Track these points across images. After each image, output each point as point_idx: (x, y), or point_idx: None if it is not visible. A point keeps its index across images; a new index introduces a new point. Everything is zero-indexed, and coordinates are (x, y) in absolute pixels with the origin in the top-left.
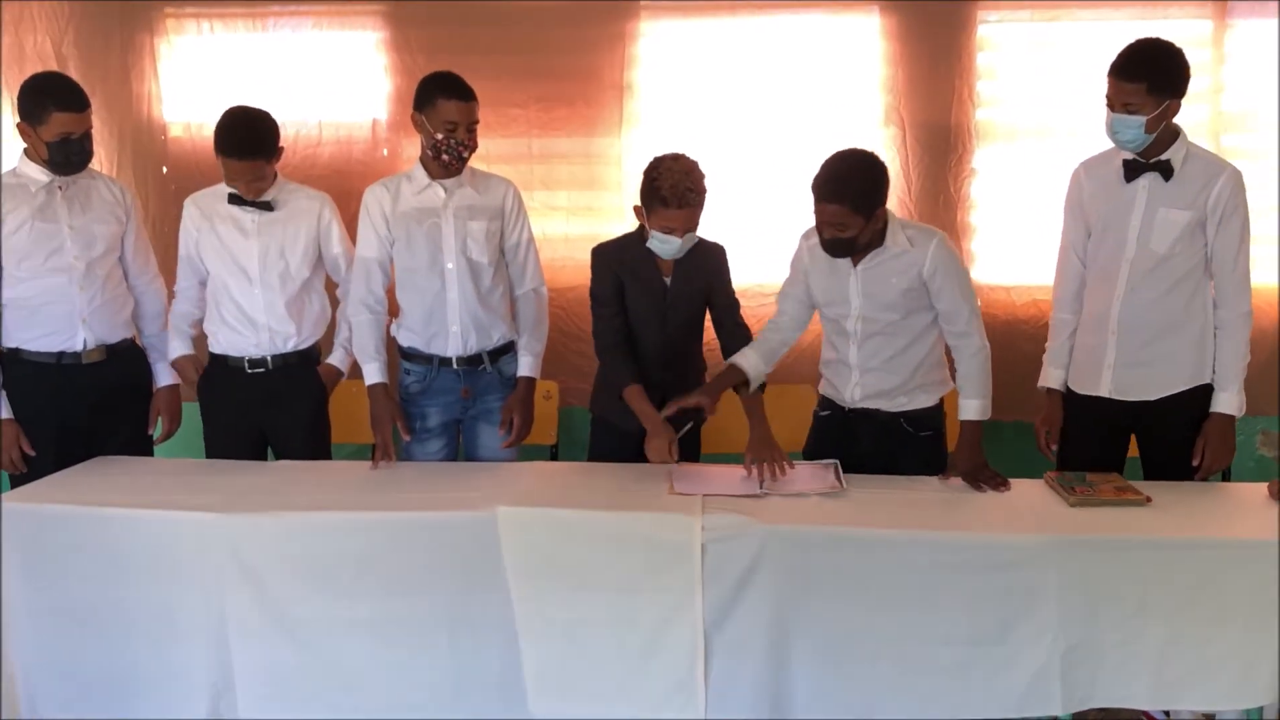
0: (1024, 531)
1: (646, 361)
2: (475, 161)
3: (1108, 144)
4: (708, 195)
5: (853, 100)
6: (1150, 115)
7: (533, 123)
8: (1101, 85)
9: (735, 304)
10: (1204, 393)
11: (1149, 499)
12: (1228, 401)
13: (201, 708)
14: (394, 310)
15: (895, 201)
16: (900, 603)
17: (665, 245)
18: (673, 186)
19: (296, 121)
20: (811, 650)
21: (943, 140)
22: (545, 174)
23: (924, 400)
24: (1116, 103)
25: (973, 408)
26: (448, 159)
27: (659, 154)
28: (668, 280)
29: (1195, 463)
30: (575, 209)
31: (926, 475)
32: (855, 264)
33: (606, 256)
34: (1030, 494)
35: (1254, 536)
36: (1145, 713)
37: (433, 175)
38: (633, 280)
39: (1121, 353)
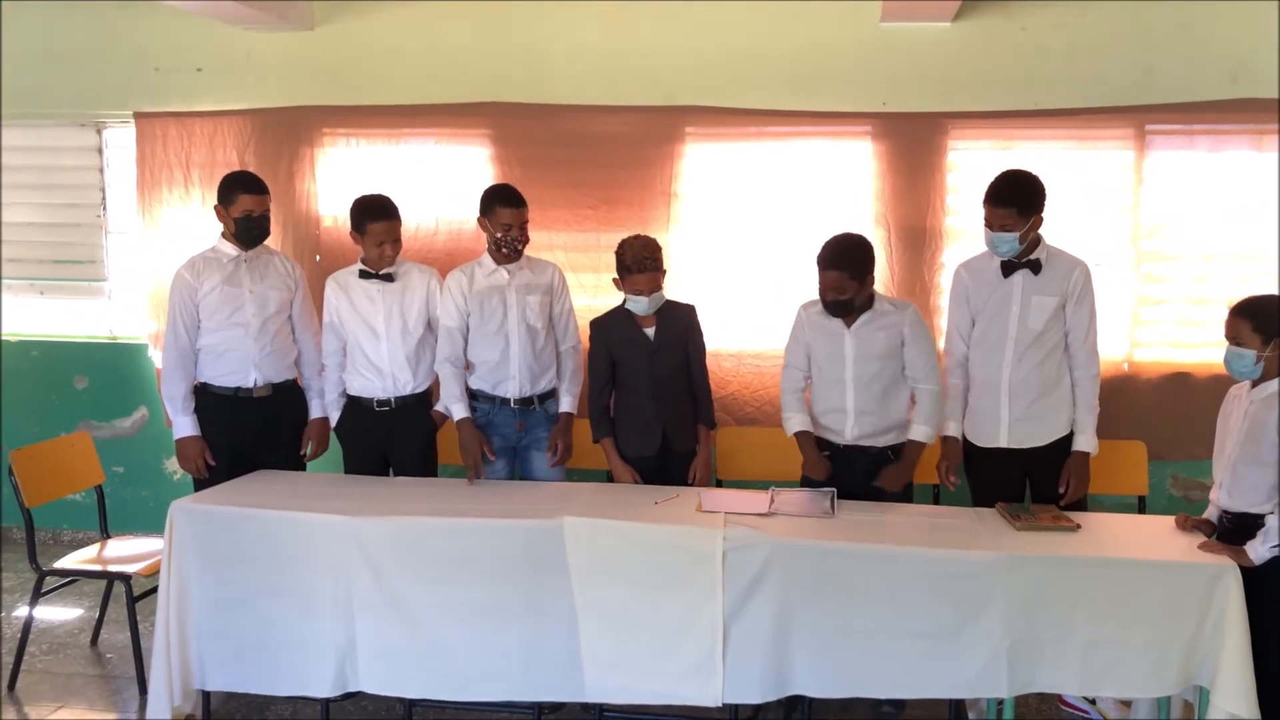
0: (978, 550)
1: (642, 399)
2: (557, 249)
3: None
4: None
5: (849, 207)
6: (1022, 231)
7: (600, 220)
8: (1053, 201)
9: (702, 354)
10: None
11: (1079, 526)
12: (1086, 442)
13: (330, 666)
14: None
15: (881, 286)
16: (879, 603)
17: (636, 303)
18: (634, 256)
19: (419, 217)
20: (808, 638)
21: (920, 240)
22: (609, 260)
23: (901, 436)
24: (994, 224)
25: (921, 431)
26: (507, 252)
27: (625, 237)
28: (651, 336)
29: (1061, 490)
30: None
31: (902, 496)
32: (849, 325)
33: (600, 328)
34: (985, 520)
35: (1163, 558)
36: (1060, 698)
37: (498, 261)
38: (623, 340)
39: (1014, 410)
